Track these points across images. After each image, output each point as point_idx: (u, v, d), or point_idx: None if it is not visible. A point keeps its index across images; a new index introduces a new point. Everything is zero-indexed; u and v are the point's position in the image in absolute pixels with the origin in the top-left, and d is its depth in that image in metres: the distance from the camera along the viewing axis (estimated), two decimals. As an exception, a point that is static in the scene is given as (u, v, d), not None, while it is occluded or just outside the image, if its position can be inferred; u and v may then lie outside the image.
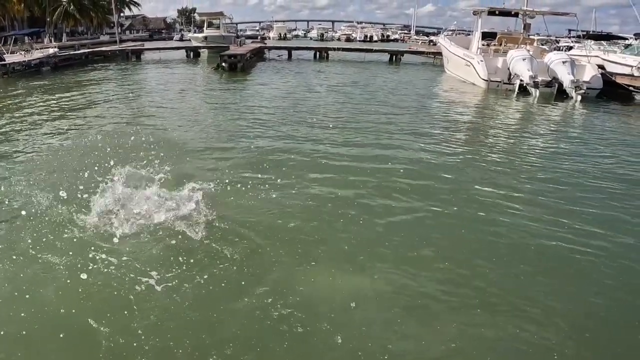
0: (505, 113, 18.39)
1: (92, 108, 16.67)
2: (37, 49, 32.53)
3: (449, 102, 20.60)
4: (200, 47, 44.75)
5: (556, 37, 45.89)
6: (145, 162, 7.76)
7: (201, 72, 31.24)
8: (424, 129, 13.96)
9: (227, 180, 8.06)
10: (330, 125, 13.54)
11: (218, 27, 51.05)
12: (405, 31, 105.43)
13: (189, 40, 54.02)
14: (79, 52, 37.73)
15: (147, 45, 49.26)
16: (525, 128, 15.63)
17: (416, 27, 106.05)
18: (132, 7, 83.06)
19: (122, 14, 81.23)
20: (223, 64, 29.16)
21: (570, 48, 35.35)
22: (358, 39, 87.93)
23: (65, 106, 16.78)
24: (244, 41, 52.06)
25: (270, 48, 45.44)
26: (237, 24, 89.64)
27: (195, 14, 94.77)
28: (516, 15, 27.79)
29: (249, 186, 7.82)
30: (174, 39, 76.06)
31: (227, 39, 46.75)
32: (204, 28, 52.46)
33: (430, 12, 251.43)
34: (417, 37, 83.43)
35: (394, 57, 42.52)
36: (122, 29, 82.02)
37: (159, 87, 22.45)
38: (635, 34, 42.83)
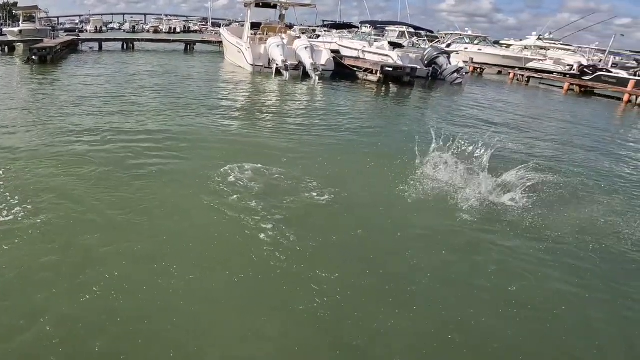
0: (263, 89, 20.51)
1: None
2: None
3: (225, 82, 22.22)
4: (15, 41, 39.15)
5: (311, 26, 47.89)
6: None
7: (12, 66, 27.74)
8: (203, 103, 15.55)
9: (28, 159, 8.42)
10: (125, 108, 13.93)
11: (34, 21, 45.62)
12: (204, 23, 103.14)
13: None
14: None
15: (-35, 41, 42.59)
16: (277, 99, 18.56)
17: (212, 19, 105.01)
18: (-48, 1, 68.34)
19: (-59, 9, 66.75)
20: (33, 57, 26.44)
21: (318, 36, 38.55)
22: (164, 30, 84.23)
23: None
24: (58, 34, 47.29)
25: (83, 40, 42.43)
26: (58, 17, 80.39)
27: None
28: (275, 7, 28.79)
29: (44, 163, 8.23)
30: (-7, 33, 65.05)
31: (43, 33, 41.77)
32: (20, 22, 46.85)
33: (225, 5, 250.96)
34: (212, 29, 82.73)
35: (189, 46, 43.30)
36: (-60, 24, 67.91)
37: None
38: (361, 22, 43.13)
